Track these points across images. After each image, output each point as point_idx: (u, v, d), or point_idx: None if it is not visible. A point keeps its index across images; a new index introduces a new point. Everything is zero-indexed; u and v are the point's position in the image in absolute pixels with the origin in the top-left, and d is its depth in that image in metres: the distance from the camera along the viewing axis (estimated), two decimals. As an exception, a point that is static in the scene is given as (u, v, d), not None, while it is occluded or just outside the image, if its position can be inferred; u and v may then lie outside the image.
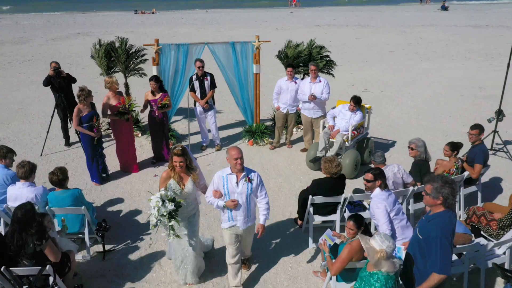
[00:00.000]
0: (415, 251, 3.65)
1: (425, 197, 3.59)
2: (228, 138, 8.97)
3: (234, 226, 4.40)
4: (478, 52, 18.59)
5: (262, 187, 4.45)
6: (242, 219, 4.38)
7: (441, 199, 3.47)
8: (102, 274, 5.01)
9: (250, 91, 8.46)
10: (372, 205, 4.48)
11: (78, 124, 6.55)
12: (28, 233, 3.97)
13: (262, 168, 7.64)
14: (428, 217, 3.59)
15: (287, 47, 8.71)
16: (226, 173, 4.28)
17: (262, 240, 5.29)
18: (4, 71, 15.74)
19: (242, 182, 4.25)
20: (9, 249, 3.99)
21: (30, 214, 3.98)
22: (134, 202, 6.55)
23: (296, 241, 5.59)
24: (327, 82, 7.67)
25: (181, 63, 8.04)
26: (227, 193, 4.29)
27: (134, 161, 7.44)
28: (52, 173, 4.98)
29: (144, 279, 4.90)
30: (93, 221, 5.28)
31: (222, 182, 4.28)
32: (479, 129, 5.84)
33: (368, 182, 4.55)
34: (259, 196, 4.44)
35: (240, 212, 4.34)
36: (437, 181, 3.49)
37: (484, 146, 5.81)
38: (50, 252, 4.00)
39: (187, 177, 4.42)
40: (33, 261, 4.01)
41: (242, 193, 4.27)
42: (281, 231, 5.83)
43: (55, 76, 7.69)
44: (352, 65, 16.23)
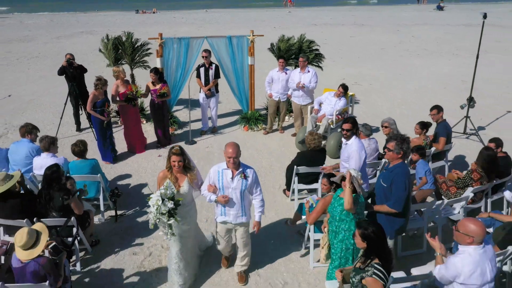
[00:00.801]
0: (382, 199, 4.45)
1: (388, 153, 4.39)
2: (226, 125, 9.77)
3: (226, 222, 4.53)
4: (466, 49, 19.40)
5: (257, 184, 4.48)
6: (234, 214, 4.46)
7: (402, 153, 4.28)
8: (115, 233, 5.82)
9: (245, 81, 9.26)
10: (351, 150, 5.21)
11: (92, 108, 7.36)
12: (54, 189, 4.76)
13: (256, 150, 8.45)
14: (389, 169, 4.40)
15: (279, 41, 9.51)
16: (222, 168, 4.34)
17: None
18: (13, 67, 16.55)
19: (237, 178, 4.30)
20: (39, 203, 4.79)
21: (56, 173, 4.78)
22: (141, 177, 7.36)
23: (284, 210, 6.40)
24: (315, 72, 8.46)
25: (183, 56, 8.83)
26: (222, 188, 4.35)
27: (140, 142, 8.24)
28: (74, 144, 5.79)
29: (151, 236, 5.70)
30: (106, 188, 6.09)
31: (217, 177, 4.35)
32: (437, 109, 6.64)
33: (348, 131, 5.32)
34: (254, 193, 4.49)
35: (233, 208, 4.42)
36: (397, 139, 4.30)
37: (446, 123, 6.61)
38: (75, 205, 4.80)
39: (183, 177, 4.44)
40: (60, 214, 4.81)
41: (236, 188, 4.32)
42: (275, 203, 6.63)
43: (68, 66, 8.49)
44: (344, 61, 17.03)
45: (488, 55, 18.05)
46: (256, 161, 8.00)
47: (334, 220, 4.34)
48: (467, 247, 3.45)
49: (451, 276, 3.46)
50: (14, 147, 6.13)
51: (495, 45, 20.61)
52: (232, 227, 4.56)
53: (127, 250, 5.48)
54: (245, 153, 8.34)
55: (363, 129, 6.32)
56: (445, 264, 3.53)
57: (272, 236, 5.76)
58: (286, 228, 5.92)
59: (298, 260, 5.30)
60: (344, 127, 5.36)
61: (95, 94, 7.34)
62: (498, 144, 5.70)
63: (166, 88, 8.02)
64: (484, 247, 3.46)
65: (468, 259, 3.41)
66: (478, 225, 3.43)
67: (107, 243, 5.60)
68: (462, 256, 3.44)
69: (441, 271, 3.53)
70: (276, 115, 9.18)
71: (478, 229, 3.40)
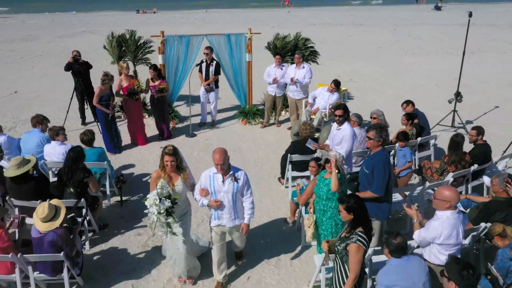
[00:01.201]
0: (365, 185, 4.85)
1: (369, 142, 4.80)
2: (225, 119, 10.19)
3: (220, 225, 4.54)
4: (460, 48, 19.67)
5: (248, 186, 4.51)
6: (228, 217, 4.48)
7: (381, 141, 4.68)
8: (121, 216, 6.24)
9: (243, 77, 9.67)
10: (345, 134, 5.63)
11: (97, 102, 7.78)
12: (78, 167, 5.20)
13: (253, 143, 8.86)
14: (371, 156, 4.81)
15: (275, 39, 9.93)
16: (213, 172, 4.35)
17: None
18: (18, 65, 16.97)
19: (228, 181, 4.33)
20: (56, 185, 5.22)
21: (79, 153, 5.24)
22: (144, 167, 7.78)
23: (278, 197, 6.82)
24: (309, 68, 8.87)
25: (183, 53, 9.24)
26: (214, 192, 4.36)
27: (142, 135, 8.65)
28: (83, 133, 6.22)
29: (154, 219, 6.11)
30: (112, 175, 6.51)
31: (208, 181, 4.37)
32: (405, 103, 7.38)
33: (340, 117, 5.74)
34: (245, 195, 4.51)
35: (225, 210, 4.43)
36: (376, 128, 4.70)
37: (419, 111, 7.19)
38: (93, 184, 5.26)
39: (177, 177, 4.48)
40: (77, 190, 5.23)
41: (228, 192, 4.34)
42: (270, 190, 7.05)
43: (74, 62, 8.90)
44: (341, 59, 17.45)
45: (482, 54, 18.48)
46: (254, 152, 8.41)
47: (321, 200, 4.74)
48: (445, 212, 3.88)
49: (431, 238, 3.90)
50: (26, 136, 6.56)
51: (490, 44, 21.04)
52: (228, 230, 4.58)
53: (132, 231, 5.90)
54: (243, 145, 8.77)
55: (355, 118, 6.73)
56: (426, 228, 3.96)
57: (267, 221, 6.18)
58: (281, 214, 6.34)
59: (291, 239, 5.72)
60: (336, 113, 5.80)
61: (101, 88, 7.76)
62: (479, 132, 6.13)
63: (165, 84, 8.41)
64: (458, 212, 3.91)
65: (447, 222, 3.85)
66: (452, 190, 3.89)
67: (113, 225, 6.02)
68: (442, 220, 3.88)
69: (422, 234, 3.96)
70: (272, 109, 9.59)
71: (453, 194, 3.86)
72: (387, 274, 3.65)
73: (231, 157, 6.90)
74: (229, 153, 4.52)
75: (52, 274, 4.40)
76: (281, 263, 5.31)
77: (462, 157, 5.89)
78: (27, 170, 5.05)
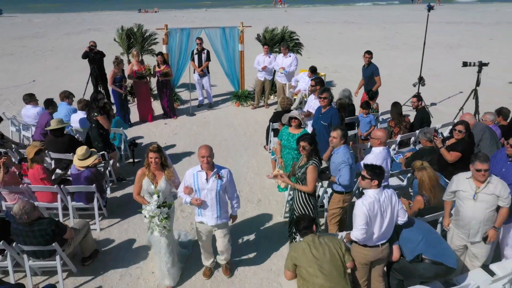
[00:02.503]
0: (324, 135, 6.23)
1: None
2: (221, 101, 11.64)
3: (203, 223, 4.66)
4: (441, 43, 21.25)
5: (232, 184, 4.60)
6: (210, 215, 4.56)
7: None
8: (133, 173, 7.62)
9: (236, 65, 11.09)
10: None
11: (112, 83, 9.22)
12: (96, 104, 6.71)
13: (245, 121, 10.29)
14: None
15: (265, 32, 11.37)
16: (197, 170, 4.45)
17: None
18: (31, 59, 18.42)
19: (212, 179, 4.41)
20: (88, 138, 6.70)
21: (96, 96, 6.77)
22: (151, 138, 9.21)
23: (263, 160, 8.23)
24: (295, 57, 10.28)
25: (184, 43, 10.67)
26: (198, 190, 4.45)
27: (149, 113, 10.08)
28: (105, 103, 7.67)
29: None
30: (126, 140, 7.94)
31: (192, 179, 4.45)
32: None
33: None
34: (230, 193, 4.62)
35: (208, 208, 4.52)
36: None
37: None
38: (103, 121, 6.69)
39: (161, 174, 4.62)
40: (93, 125, 6.71)
41: (212, 189, 4.42)
42: (257, 155, 8.47)
43: (90, 51, 10.33)
44: (329, 53, 18.90)
45: (460, 48, 19.91)
46: (244, 127, 9.84)
47: (291, 150, 6.16)
48: (378, 148, 5.28)
49: None
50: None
51: (471, 40, 22.47)
52: (211, 228, 4.70)
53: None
54: (236, 122, 10.20)
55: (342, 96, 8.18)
56: (365, 159, 5.32)
57: (253, 176, 7.61)
58: (264, 172, 7.76)
59: (271, 188, 7.15)
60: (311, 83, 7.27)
61: (114, 71, 9.20)
62: (418, 99, 7.58)
63: (169, 69, 9.82)
64: (387, 148, 5.32)
65: (379, 155, 5.24)
66: (382, 131, 5.31)
67: (128, 180, 7.44)
68: (376, 153, 5.27)
69: (360, 167, 5.35)
70: (262, 93, 11.02)
71: (383, 134, 5.27)
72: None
73: (226, 131, 8.43)
74: (224, 128, 5.78)
75: (86, 202, 5.83)
76: (261, 203, 6.74)
77: (402, 119, 7.31)
78: (63, 126, 6.48)
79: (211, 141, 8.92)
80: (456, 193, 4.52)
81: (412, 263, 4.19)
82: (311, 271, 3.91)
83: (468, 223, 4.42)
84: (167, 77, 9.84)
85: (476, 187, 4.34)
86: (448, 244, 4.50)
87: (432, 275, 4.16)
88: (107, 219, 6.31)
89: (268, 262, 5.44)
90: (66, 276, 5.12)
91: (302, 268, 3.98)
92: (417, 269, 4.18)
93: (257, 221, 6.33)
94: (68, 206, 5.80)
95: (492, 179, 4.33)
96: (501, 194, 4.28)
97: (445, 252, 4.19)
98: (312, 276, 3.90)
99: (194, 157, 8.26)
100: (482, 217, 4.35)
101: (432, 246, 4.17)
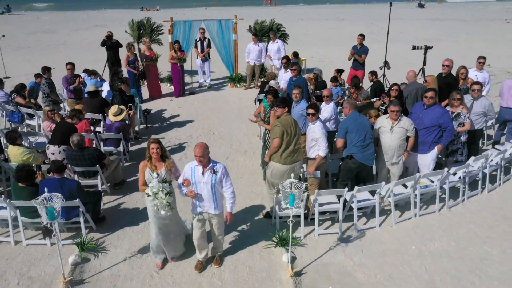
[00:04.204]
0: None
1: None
2: (218, 83, 13.60)
3: (201, 213, 4.97)
4: (421, 38, 23.18)
5: (227, 178, 4.89)
6: (207, 206, 4.91)
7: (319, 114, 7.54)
8: (147, 134, 9.59)
9: (231, 52, 13.04)
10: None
11: (126, 65, 11.16)
12: (117, 76, 8.63)
13: (237, 98, 12.21)
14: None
15: (255, 24, 13.30)
16: (195, 164, 4.79)
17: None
18: (47, 52, 20.36)
19: (208, 173, 4.75)
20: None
21: (116, 70, 8.70)
22: (159, 110, 11.15)
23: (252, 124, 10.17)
24: (282, 42, 12.31)
25: (187, 33, 12.60)
26: (195, 182, 4.80)
27: (157, 91, 12.02)
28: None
29: (172, 135, 9.48)
30: (140, 109, 9.88)
31: (190, 172, 4.81)
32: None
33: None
34: (225, 186, 4.91)
35: (206, 200, 4.86)
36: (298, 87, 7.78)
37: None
38: (126, 88, 8.64)
39: (161, 165, 5.01)
40: (117, 93, 8.62)
41: (207, 182, 4.76)
42: (245, 120, 10.40)
43: (107, 40, 12.25)
44: (317, 45, 20.85)
45: (436, 42, 21.83)
46: (237, 103, 11.76)
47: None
48: (330, 103, 7.19)
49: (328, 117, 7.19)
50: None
51: (449, 34, 24.40)
52: (207, 217, 5.02)
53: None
54: (230, 99, 12.13)
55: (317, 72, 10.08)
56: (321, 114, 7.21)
57: (242, 136, 9.54)
58: (251, 133, 9.67)
59: (256, 142, 9.07)
60: (283, 61, 9.18)
61: (128, 55, 11.14)
62: (372, 73, 9.49)
63: (185, 55, 11.74)
64: (334, 103, 7.24)
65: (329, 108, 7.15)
66: (328, 90, 7.21)
67: (143, 138, 9.37)
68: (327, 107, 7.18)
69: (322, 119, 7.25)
70: (252, 76, 12.96)
71: (329, 92, 7.18)
72: (345, 122, 6.52)
73: (222, 106, 10.36)
74: (220, 103, 7.57)
75: (114, 146, 7.76)
76: (247, 153, 8.67)
77: (360, 88, 9.21)
78: (98, 90, 8.46)
79: (209, 113, 10.87)
80: (379, 129, 6.45)
81: (345, 158, 6.27)
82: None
83: (387, 149, 6.35)
84: (182, 63, 11.70)
85: (391, 123, 6.27)
86: (372, 150, 6.24)
87: (355, 167, 6.22)
88: (129, 162, 8.22)
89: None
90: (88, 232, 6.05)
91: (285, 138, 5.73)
92: (348, 162, 6.21)
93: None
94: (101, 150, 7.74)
95: (402, 118, 6.25)
96: (408, 128, 6.22)
97: (368, 157, 6.15)
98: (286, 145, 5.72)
99: (195, 125, 10.18)
100: (396, 144, 6.27)
101: (360, 152, 6.11)
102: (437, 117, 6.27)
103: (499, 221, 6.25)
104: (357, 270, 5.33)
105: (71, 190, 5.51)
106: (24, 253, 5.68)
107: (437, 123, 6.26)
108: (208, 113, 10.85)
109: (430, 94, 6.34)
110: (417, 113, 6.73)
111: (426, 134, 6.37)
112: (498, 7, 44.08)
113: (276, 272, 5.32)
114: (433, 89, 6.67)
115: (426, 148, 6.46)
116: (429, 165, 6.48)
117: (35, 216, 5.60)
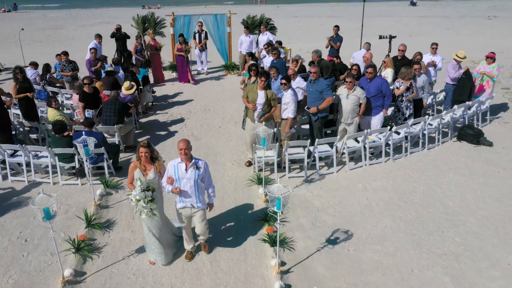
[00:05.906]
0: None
1: (283, 86, 9.60)
2: (214, 71, 15.35)
3: (184, 208, 5.18)
4: (404, 32, 24.94)
5: (208, 174, 5.14)
6: (190, 201, 5.09)
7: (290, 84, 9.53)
8: (153, 110, 11.33)
9: (225, 43, 14.78)
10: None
11: (135, 53, 12.89)
12: (129, 60, 10.46)
13: (231, 83, 13.94)
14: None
15: (247, 18, 15.04)
16: (177, 162, 4.96)
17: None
18: (57, 45, 22.03)
19: (191, 169, 4.92)
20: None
21: (127, 55, 10.48)
22: (162, 92, 12.88)
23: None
24: (270, 33, 14.00)
25: (186, 26, 14.34)
26: (178, 179, 4.95)
27: (161, 77, 13.76)
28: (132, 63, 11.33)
29: (174, 110, 11.22)
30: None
31: (173, 170, 4.96)
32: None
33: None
34: (206, 182, 5.15)
35: (188, 195, 5.04)
36: (275, 68, 9.67)
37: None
38: (136, 70, 10.55)
39: (150, 166, 5.15)
40: (129, 74, 10.37)
41: (191, 178, 4.94)
42: (238, 100, 12.13)
43: (117, 32, 13.96)
44: (307, 40, 22.60)
45: (417, 36, 23.57)
46: (231, 87, 13.48)
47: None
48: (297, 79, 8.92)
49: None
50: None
51: (431, 30, 26.11)
52: (190, 212, 5.21)
53: (160, 112, 11.03)
54: (224, 83, 13.87)
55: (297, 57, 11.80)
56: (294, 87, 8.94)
57: (230, 108, 11.27)
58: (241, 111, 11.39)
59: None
60: (265, 47, 10.90)
61: (136, 44, 12.88)
62: (337, 57, 11.20)
63: (190, 47, 13.45)
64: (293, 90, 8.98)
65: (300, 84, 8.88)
66: (291, 69, 8.93)
67: (150, 112, 11.10)
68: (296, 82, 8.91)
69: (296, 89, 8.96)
70: (244, 64, 14.65)
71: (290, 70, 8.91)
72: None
73: (217, 89, 12.01)
74: (215, 87, 9.20)
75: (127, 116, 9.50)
76: (237, 124, 10.38)
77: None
78: (114, 70, 10.22)
79: (206, 94, 12.61)
80: (338, 96, 8.17)
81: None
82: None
83: (344, 112, 8.07)
84: (187, 54, 13.40)
85: (347, 91, 7.99)
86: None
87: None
88: (138, 130, 9.94)
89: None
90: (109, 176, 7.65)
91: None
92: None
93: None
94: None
95: (356, 87, 7.98)
96: (360, 96, 7.95)
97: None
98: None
99: (194, 103, 11.90)
100: (350, 109, 7.99)
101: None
102: (379, 85, 8.02)
103: (430, 168, 8.00)
104: (315, 199, 7.06)
105: (97, 139, 7.24)
106: (62, 190, 7.42)
107: (380, 89, 8.00)
108: (205, 94, 12.59)
109: (369, 70, 8.15)
110: (364, 85, 8.41)
111: (373, 101, 8.10)
112: (487, 5, 45.79)
113: (256, 205, 7.07)
114: (372, 65, 8.53)
115: (374, 112, 8.20)
116: (376, 125, 8.22)
117: (70, 161, 7.39)
